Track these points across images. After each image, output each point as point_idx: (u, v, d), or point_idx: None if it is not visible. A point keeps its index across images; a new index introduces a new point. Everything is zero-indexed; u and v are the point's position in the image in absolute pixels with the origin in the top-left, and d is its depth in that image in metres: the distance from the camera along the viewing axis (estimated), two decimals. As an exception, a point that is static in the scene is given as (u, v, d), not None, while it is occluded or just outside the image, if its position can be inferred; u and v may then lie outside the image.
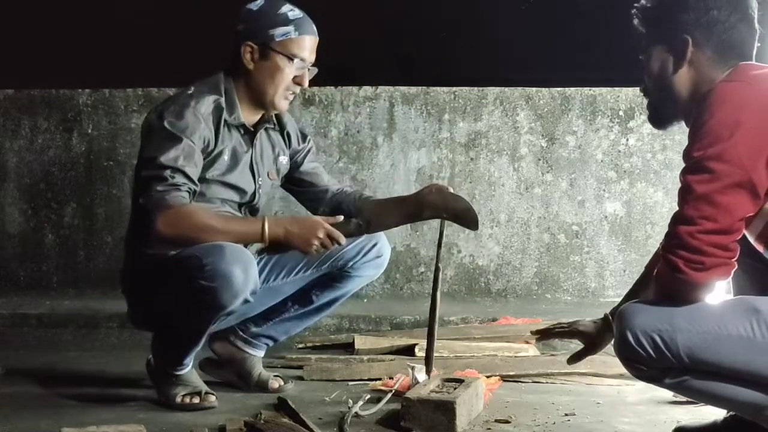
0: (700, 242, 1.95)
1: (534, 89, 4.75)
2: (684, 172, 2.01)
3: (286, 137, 2.99)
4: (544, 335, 2.50)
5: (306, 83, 2.81)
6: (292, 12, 2.77)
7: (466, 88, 4.78)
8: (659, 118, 2.26)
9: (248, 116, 2.84)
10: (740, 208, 1.96)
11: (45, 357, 3.63)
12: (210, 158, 2.74)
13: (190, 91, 2.76)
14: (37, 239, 4.80)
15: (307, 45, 2.77)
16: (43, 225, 4.81)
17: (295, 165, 3.03)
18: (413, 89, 4.77)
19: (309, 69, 2.81)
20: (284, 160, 2.99)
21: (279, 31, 2.74)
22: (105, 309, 4.07)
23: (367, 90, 4.76)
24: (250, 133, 2.85)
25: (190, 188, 2.66)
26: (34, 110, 4.83)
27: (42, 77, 6.01)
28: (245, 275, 2.55)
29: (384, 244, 3.00)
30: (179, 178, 2.63)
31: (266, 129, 2.92)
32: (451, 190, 2.90)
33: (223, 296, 2.55)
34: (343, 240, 2.71)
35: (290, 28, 2.74)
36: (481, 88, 4.77)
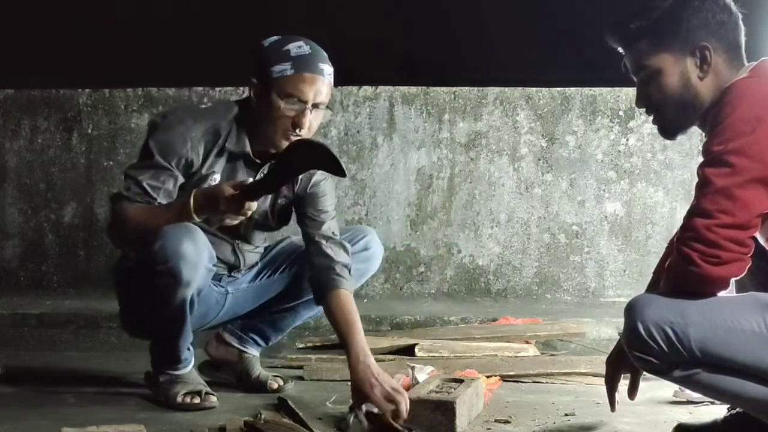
0: (716, 236, 1.93)
1: (534, 89, 4.75)
2: (702, 166, 1.99)
3: (296, 180, 2.78)
4: (631, 389, 2.24)
5: (305, 125, 2.57)
6: (299, 49, 2.58)
7: (466, 88, 4.78)
8: (676, 131, 2.25)
9: (258, 147, 2.71)
10: (759, 204, 1.95)
11: (45, 357, 3.62)
12: (195, 179, 2.67)
13: (203, 106, 2.75)
14: (37, 239, 4.80)
15: (306, 84, 2.56)
16: (43, 225, 4.81)
17: (298, 207, 2.82)
18: (413, 89, 4.77)
19: (312, 110, 2.58)
20: (282, 201, 2.83)
21: (276, 69, 2.56)
22: (105, 309, 4.06)
23: (367, 90, 4.76)
24: (254, 165, 2.72)
25: (147, 202, 2.61)
26: (34, 110, 4.83)
27: (42, 77, 6.01)
28: (195, 245, 2.52)
29: (373, 239, 2.92)
30: (134, 188, 2.59)
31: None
32: None
33: (183, 272, 2.52)
34: (253, 207, 2.48)
35: (287, 65, 2.56)
36: (481, 88, 4.77)
